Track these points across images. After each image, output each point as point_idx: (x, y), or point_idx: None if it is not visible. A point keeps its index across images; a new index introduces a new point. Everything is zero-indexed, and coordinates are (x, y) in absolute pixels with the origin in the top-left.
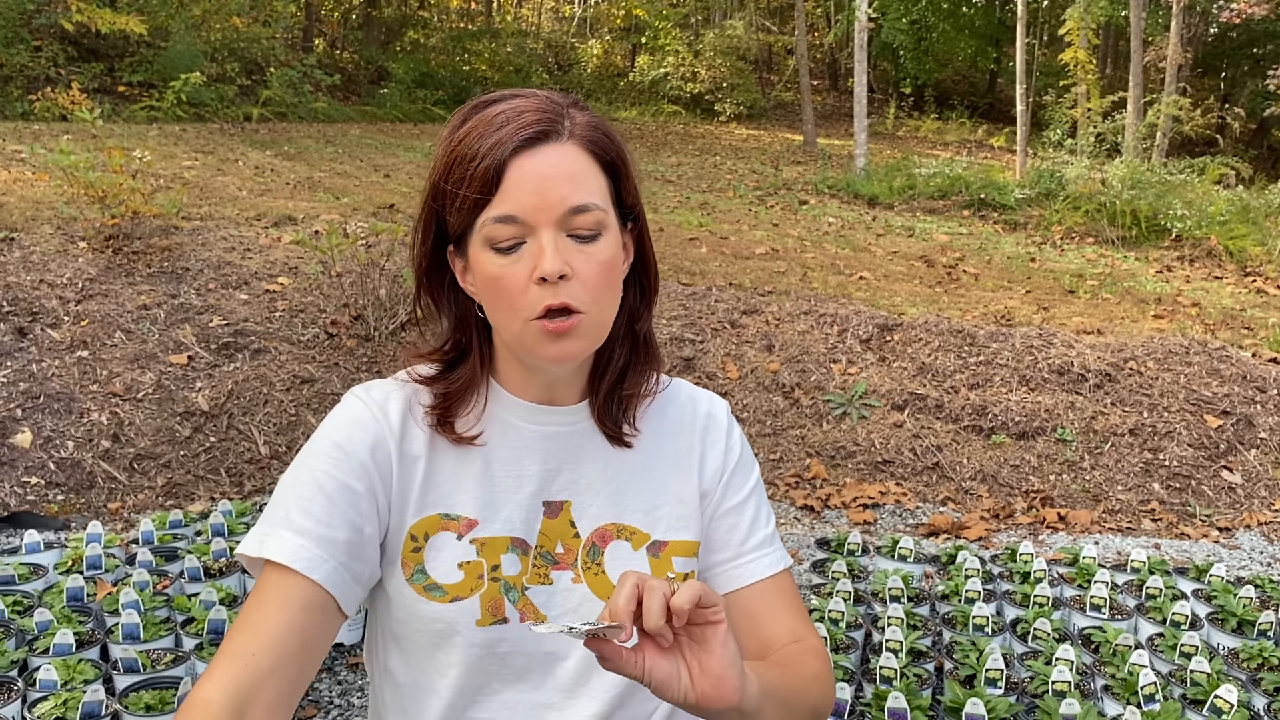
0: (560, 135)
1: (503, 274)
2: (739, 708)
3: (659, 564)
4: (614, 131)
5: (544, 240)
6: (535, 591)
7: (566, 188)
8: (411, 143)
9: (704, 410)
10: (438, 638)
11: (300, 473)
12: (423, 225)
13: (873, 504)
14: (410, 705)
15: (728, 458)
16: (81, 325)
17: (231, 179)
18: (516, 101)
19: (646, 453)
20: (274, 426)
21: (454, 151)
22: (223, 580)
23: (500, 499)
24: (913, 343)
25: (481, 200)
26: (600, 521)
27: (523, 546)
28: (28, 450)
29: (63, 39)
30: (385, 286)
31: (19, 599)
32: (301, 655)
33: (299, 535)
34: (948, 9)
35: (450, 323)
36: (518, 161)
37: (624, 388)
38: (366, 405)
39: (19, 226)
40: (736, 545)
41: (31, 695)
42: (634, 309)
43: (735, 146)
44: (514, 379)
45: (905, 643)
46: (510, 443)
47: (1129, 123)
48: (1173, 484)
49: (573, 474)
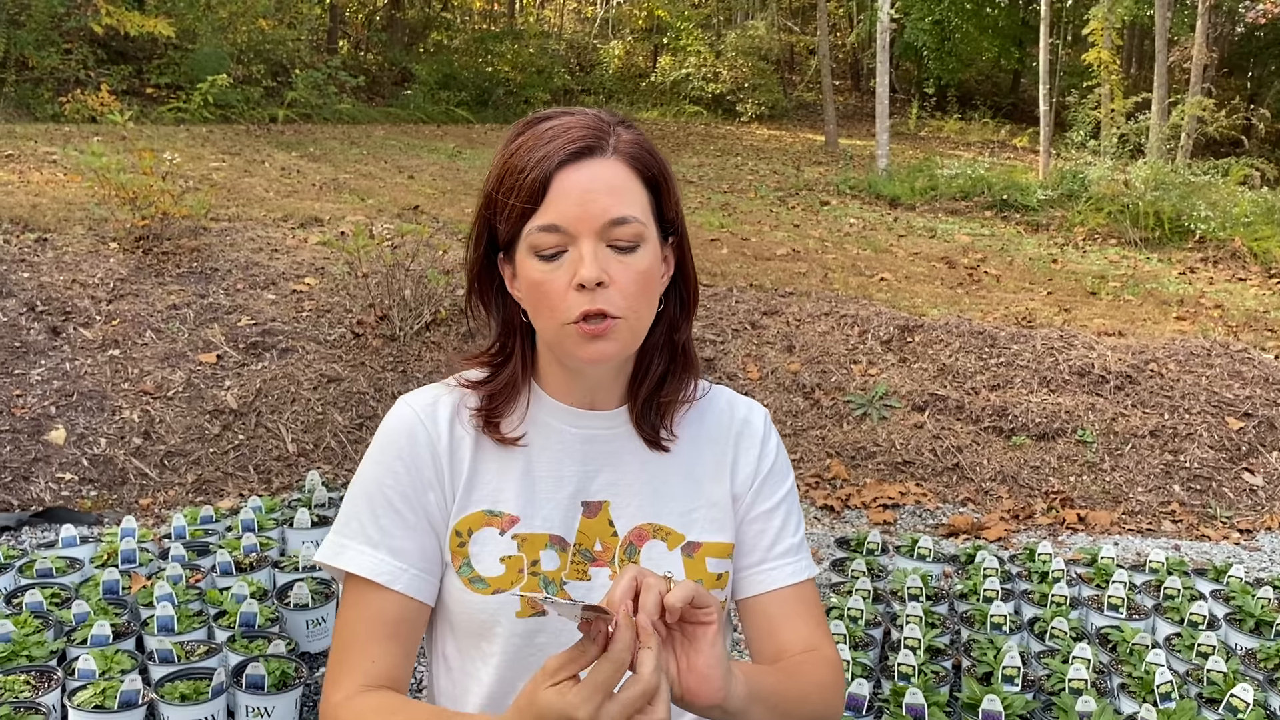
0: (605, 151)
1: (545, 279)
2: (722, 705)
3: (693, 564)
4: (657, 150)
5: (584, 249)
6: (573, 586)
7: (607, 200)
8: (435, 144)
9: (741, 416)
10: (481, 627)
11: (368, 485)
12: (476, 233)
13: (893, 504)
14: (459, 690)
15: (760, 464)
16: (113, 324)
17: (258, 180)
18: (567, 118)
19: (684, 457)
20: (301, 425)
21: (506, 164)
22: (254, 574)
23: (540, 498)
24: (934, 344)
25: (528, 210)
26: (637, 521)
27: (561, 544)
28: (62, 447)
29: (92, 41)
30: (410, 287)
31: (56, 591)
32: (404, 651)
33: (375, 549)
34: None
35: (498, 326)
36: (563, 174)
37: (662, 394)
38: (416, 412)
39: (52, 227)
40: (762, 551)
41: (71, 684)
42: (673, 319)
43: (757, 147)
44: (556, 383)
45: (923, 640)
46: (551, 445)
47: (1153, 123)
48: (1193, 486)
49: (611, 475)
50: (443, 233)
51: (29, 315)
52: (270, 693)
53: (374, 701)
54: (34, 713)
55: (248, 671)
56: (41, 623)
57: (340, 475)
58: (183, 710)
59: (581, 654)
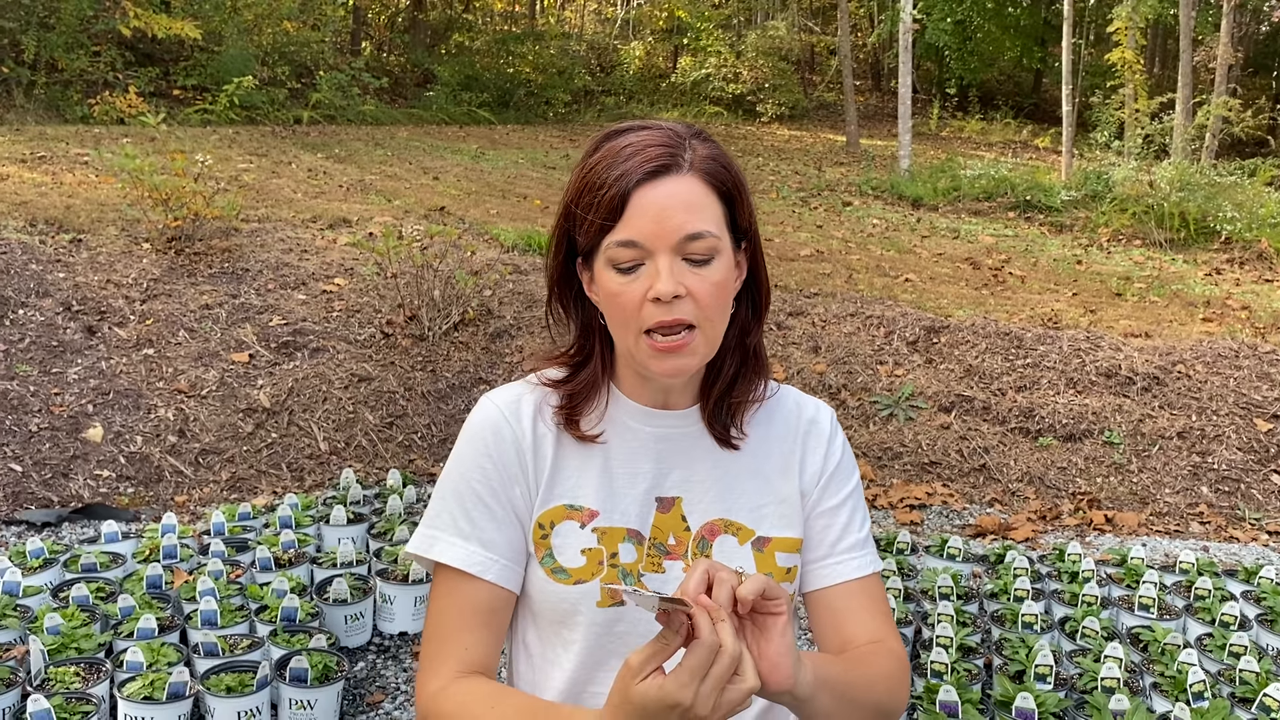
0: (681, 168)
1: (622, 291)
2: (792, 692)
3: (763, 558)
4: (732, 161)
5: (660, 264)
6: (649, 579)
7: (683, 216)
8: (458, 145)
9: (808, 416)
10: (564, 616)
11: (457, 482)
12: (555, 241)
13: (919, 504)
14: (540, 676)
15: (827, 462)
16: (147, 324)
17: (286, 181)
18: (644, 134)
19: (753, 454)
20: (333, 423)
21: (585, 179)
22: (292, 570)
23: (618, 493)
24: (959, 345)
25: (607, 225)
26: (709, 517)
27: (637, 537)
28: (99, 445)
29: (120, 44)
30: (439, 288)
31: (101, 586)
32: (495, 639)
33: (466, 541)
34: (993, 8)
35: (577, 329)
36: (640, 192)
37: (733, 395)
38: (500, 409)
39: (86, 228)
40: (829, 545)
41: (119, 676)
42: (745, 323)
43: (778, 148)
44: (631, 384)
45: (955, 639)
46: (627, 443)
47: (1178, 124)
48: (1221, 487)
49: (684, 473)
50: (469, 234)
51: (65, 315)
52: (313, 686)
53: (473, 688)
54: (85, 703)
55: (291, 665)
56: (88, 616)
57: (372, 473)
58: (228, 702)
59: (665, 646)
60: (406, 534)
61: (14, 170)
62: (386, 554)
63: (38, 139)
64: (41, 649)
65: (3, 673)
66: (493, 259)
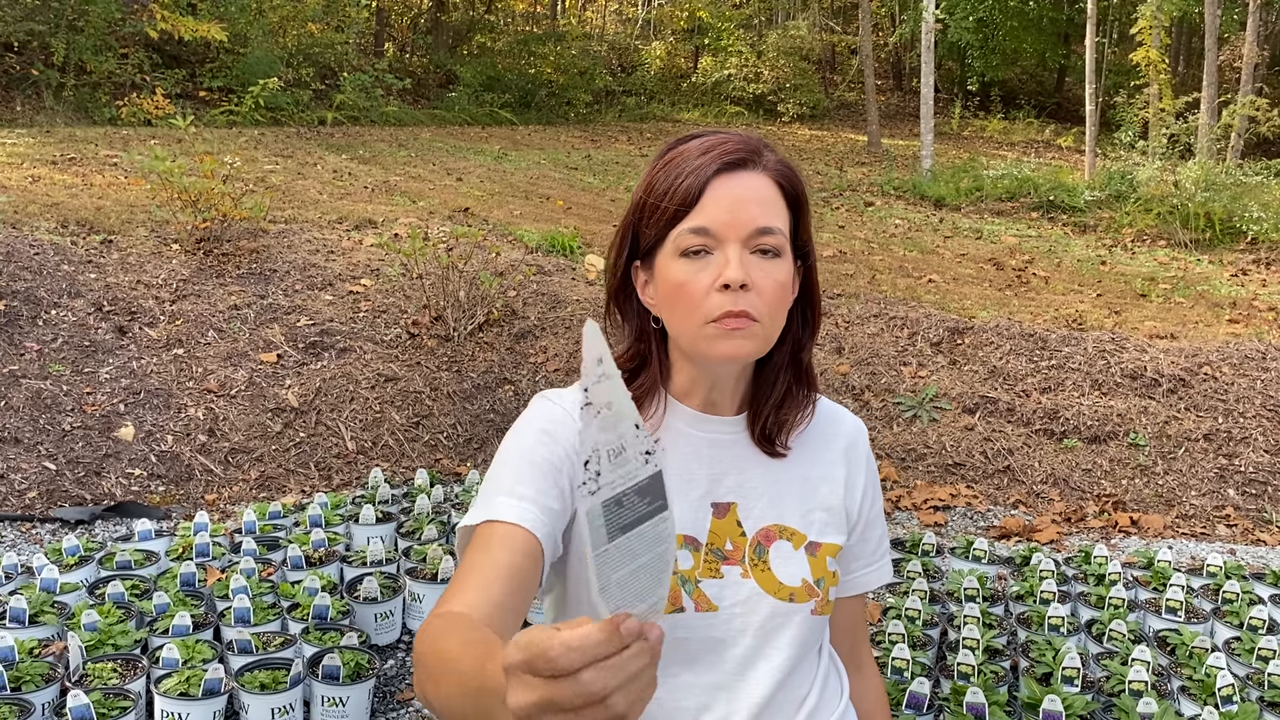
0: (757, 165)
1: (688, 279)
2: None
3: (816, 562)
4: (800, 174)
5: (730, 253)
6: (707, 584)
7: (756, 210)
8: (480, 146)
9: (846, 431)
10: None
11: (512, 453)
12: (618, 242)
13: (943, 506)
14: None
15: (869, 480)
16: (176, 324)
17: (311, 183)
18: (721, 134)
19: (797, 461)
20: (360, 423)
21: (659, 173)
22: (323, 569)
23: (674, 499)
24: (983, 346)
25: (680, 213)
26: (764, 522)
27: (694, 544)
28: (130, 443)
29: (147, 46)
30: (464, 288)
31: (136, 583)
32: (521, 593)
33: (520, 501)
34: (1015, 6)
35: (632, 333)
36: (717, 182)
37: (782, 412)
38: (560, 406)
39: (116, 229)
40: (869, 556)
41: (155, 672)
42: (798, 339)
43: (798, 147)
44: (680, 385)
45: (981, 640)
46: (681, 449)
47: (1203, 123)
48: (1248, 490)
49: (737, 479)
50: (493, 235)
51: (97, 315)
52: (345, 683)
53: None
54: (123, 699)
55: (324, 662)
56: (124, 613)
57: (399, 473)
58: (262, 699)
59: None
60: (434, 533)
61: (45, 172)
62: (415, 553)
63: (67, 141)
64: (80, 645)
65: (42, 668)
66: (516, 260)
